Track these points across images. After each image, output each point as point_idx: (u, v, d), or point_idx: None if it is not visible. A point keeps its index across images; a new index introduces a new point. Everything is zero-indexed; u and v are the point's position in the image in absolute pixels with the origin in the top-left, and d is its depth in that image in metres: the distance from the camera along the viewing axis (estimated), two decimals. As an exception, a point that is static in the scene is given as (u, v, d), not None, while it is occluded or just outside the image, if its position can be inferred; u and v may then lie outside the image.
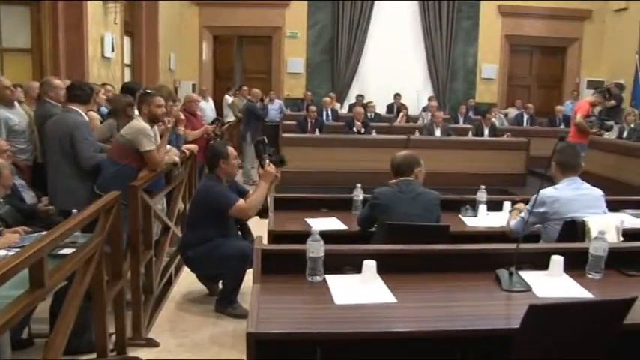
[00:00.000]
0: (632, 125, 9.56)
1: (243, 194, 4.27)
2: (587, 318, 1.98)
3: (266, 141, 4.42)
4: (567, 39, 14.16)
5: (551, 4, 13.47)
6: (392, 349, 2.29)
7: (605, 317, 2.02)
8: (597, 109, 9.06)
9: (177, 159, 4.69)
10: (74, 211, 3.36)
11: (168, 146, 4.54)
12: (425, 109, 11.92)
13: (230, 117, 11.58)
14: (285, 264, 2.57)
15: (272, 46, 13.56)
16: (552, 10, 13.63)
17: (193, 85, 12.60)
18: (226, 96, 12.20)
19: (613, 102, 11.30)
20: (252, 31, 13.42)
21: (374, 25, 13.34)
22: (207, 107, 10.84)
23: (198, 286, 4.52)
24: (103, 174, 4.09)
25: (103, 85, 6.06)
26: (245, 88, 11.76)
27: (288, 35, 13.36)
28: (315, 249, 2.46)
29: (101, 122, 4.95)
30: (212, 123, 7.37)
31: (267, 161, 4.16)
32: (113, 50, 8.21)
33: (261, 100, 11.46)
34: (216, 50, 13.81)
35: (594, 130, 8.13)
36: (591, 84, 13.39)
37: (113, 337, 3.33)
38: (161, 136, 4.33)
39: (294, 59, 13.40)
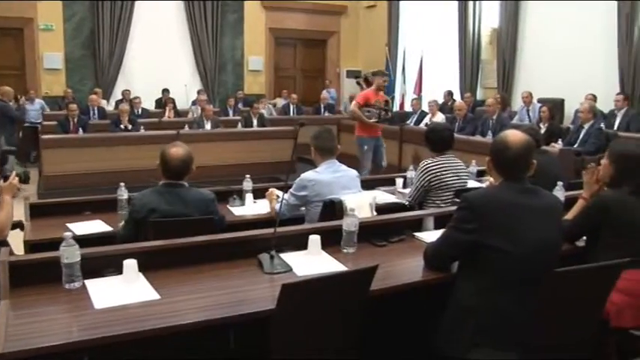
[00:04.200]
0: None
1: None
2: (337, 290, 2.14)
3: (14, 152, 4.03)
4: (327, 32, 15.12)
5: (311, -1, 14.26)
6: (164, 346, 2.26)
7: (353, 286, 2.20)
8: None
9: None
10: None
11: None
12: (194, 102, 11.89)
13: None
14: (39, 274, 2.39)
15: (24, 39, 12.31)
16: (312, 4, 14.44)
17: None
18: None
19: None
20: (-3, 22, 12.04)
21: (137, 19, 12.85)
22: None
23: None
24: None
25: None
26: (-5, 86, 10.68)
27: (42, 27, 12.24)
28: (70, 254, 2.32)
29: None
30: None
31: (14, 173, 3.82)
32: None
33: (16, 99, 10.49)
34: (-46, 43, 12.18)
35: (373, 120, 7.68)
36: (350, 73, 14.50)
37: None
38: None
39: (51, 54, 12.33)
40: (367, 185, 4.41)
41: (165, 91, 12.45)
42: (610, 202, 2.79)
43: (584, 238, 2.98)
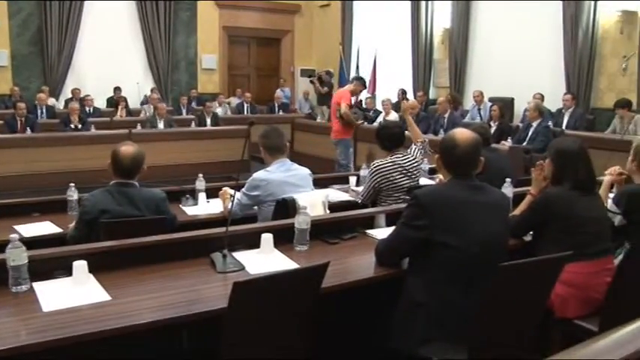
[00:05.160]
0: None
1: None
2: (288, 287, 2.14)
3: None
4: (281, 31, 15.12)
5: (265, -3, 14.22)
6: (116, 347, 2.24)
7: (304, 284, 2.20)
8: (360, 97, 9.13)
9: None
10: None
11: None
12: (146, 101, 11.72)
13: None
14: (-17, 278, 2.34)
15: (-33, 36, 11.96)
16: (266, 3, 14.42)
17: None
18: None
19: (326, 89, 12.32)
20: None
21: (87, 16, 12.54)
22: None
23: None
24: None
25: None
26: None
27: (-15, 23, 11.87)
28: (16, 256, 2.26)
29: None
30: None
31: None
32: None
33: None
34: None
35: (359, 122, 7.86)
36: (304, 72, 14.50)
37: None
38: None
39: (-4, 51, 11.96)
40: (320, 183, 4.43)
41: (117, 89, 12.20)
42: (552, 198, 2.88)
43: (531, 232, 3.07)
